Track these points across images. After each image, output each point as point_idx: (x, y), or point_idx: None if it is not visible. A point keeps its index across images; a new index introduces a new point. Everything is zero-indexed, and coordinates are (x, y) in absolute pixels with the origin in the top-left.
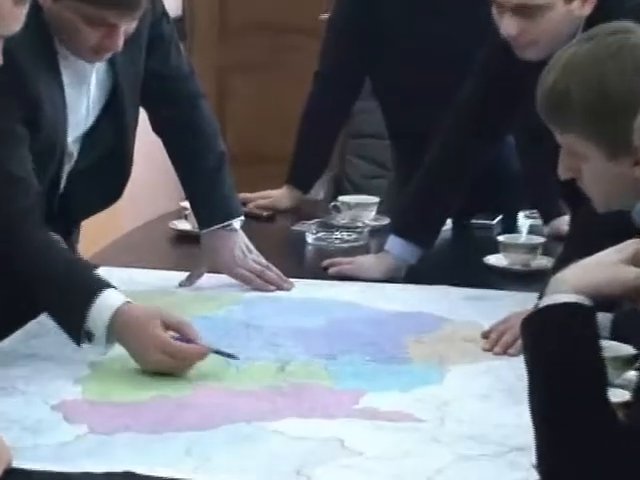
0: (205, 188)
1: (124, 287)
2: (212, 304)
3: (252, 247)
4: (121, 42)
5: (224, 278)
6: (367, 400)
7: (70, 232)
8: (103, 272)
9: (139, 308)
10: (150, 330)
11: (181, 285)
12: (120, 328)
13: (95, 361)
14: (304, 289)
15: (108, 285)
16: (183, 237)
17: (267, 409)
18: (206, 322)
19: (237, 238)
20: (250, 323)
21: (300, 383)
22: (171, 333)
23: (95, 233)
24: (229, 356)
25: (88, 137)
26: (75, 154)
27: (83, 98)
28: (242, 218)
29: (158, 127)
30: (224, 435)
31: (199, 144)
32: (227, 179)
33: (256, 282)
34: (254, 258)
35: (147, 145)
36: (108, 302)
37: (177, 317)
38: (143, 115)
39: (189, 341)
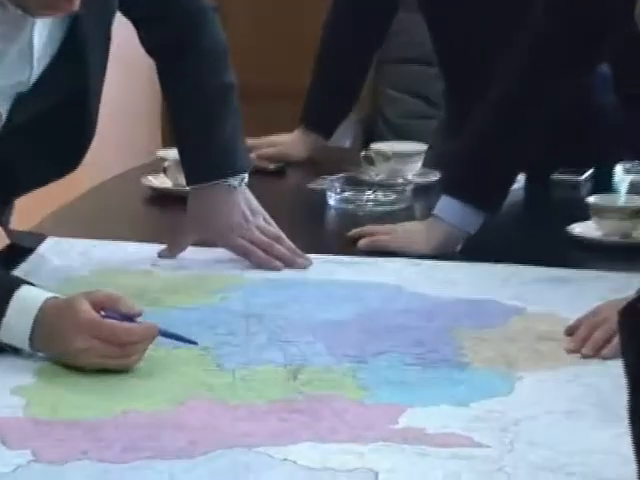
0: (201, 128)
1: (80, 264)
2: (200, 288)
3: (260, 209)
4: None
5: (218, 252)
6: (409, 418)
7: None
8: (52, 245)
9: (62, 299)
10: (71, 312)
11: (160, 256)
12: (42, 331)
13: (43, 366)
14: (325, 268)
15: (21, 283)
16: (161, 197)
17: (274, 430)
18: (192, 314)
19: (238, 198)
20: (252, 313)
21: (318, 395)
22: (103, 313)
23: (44, 194)
24: (187, 341)
25: (33, 90)
26: (3, 114)
27: (14, 46)
28: (246, 176)
29: (148, 45)
30: (216, 465)
31: (198, 70)
32: (232, 120)
33: (261, 257)
34: (260, 225)
35: (115, 87)
36: (26, 304)
37: (105, 291)
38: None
39: (128, 321)
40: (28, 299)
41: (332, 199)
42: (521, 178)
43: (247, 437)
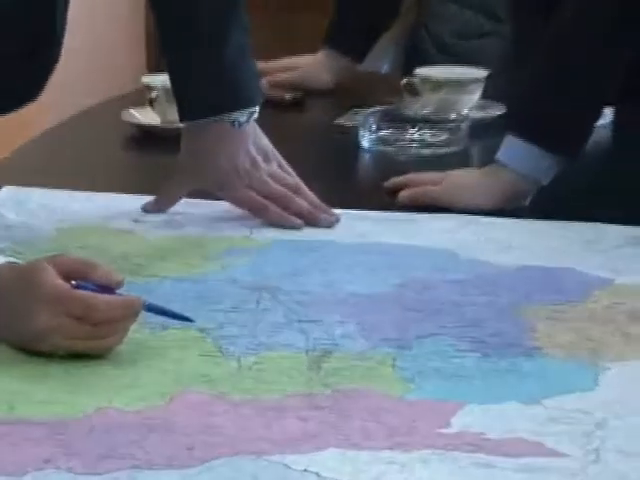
0: (198, 47)
1: (44, 221)
2: (197, 253)
3: (274, 152)
4: None
5: (220, 207)
6: (464, 419)
7: None
8: (7, 196)
9: (21, 265)
10: (33, 281)
11: (146, 211)
12: None
13: None
14: (356, 228)
15: None
16: (147, 137)
17: (291, 433)
18: (186, 286)
19: (245, 138)
20: (263, 285)
21: (349, 389)
22: (73, 283)
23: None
24: (180, 318)
25: None
26: None
27: None
28: (255, 109)
29: None
30: (217, 476)
31: None
32: (239, 36)
33: (275, 214)
34: (274, 172)
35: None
36: None
37: (76, 255)
38: None
39: (106, 292)
40: None
41: (365, 139)
42: (608, 112)
43: (256, 442)
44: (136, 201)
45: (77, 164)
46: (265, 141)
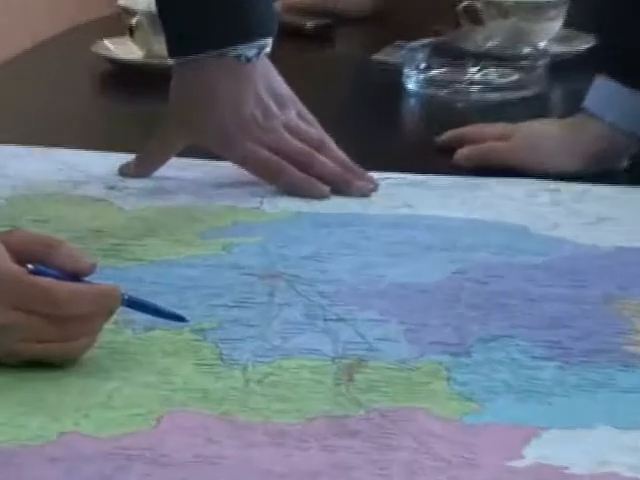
0: None
1: None
2: (191, 230)
3: (292, 96)
4: None
5: (221, 169)
6: (542, 449)
7: None
8: None
9: None
10: None
11: (124, 174)
12: None
13: None
14: (399, 196)
15: None
16: (126, 75)
17: (315, 466)
18: (177, 273)
19: (254, 78)
20: (277, 272)
21: (388, 410)
22: (30, 267)
23: None
24: (169, 317)
25: None
26: None
27: None
28: (268, 42)
29: None
30: None
31: None
32: None
33: (293, 177)
34: (292, 123)
35: None
36: None
37: (34, 231)
38: None
39: (73, 280)
40: None
41: (412, 80)
42: None
43: (268, 478)
44: (111, 161)
45: (34, 111)
46: (281, 83)
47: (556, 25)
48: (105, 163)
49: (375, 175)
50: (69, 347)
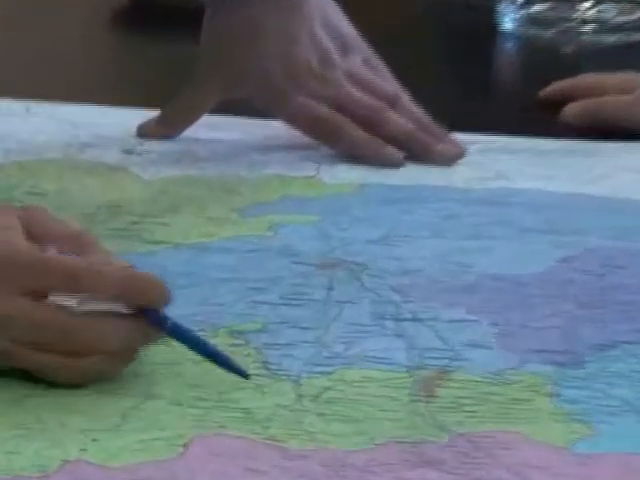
0: None
1: None
2: (227, 205)
3: (357, 39)
4: None
5: (266, 128)
6: None
7: None
8: None
9: None
10: None
11: (143, 135)
12: None
13: None
14: (492, 164)
15: None
16: (144, 11)
17: None
18: (209, 260)
19: (309, 15)
20: (338, 259)
21: (478, 435)
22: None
23: None
24: (227, 367)
25: None
26: None
27: None
28: None
29: None
30: None
31: None
32: None
33: (358, 139)
34: (357, 72)
35: None
36: None
37: (30, 207)
38: None
39: None
40: None
41: (507, 19)
42: None
43: None
44: (128, 119)
45: (33, 56)
46: (343, 22)
47: None
48: (120, 121)
49: (461, 138)
50: (75, 365)
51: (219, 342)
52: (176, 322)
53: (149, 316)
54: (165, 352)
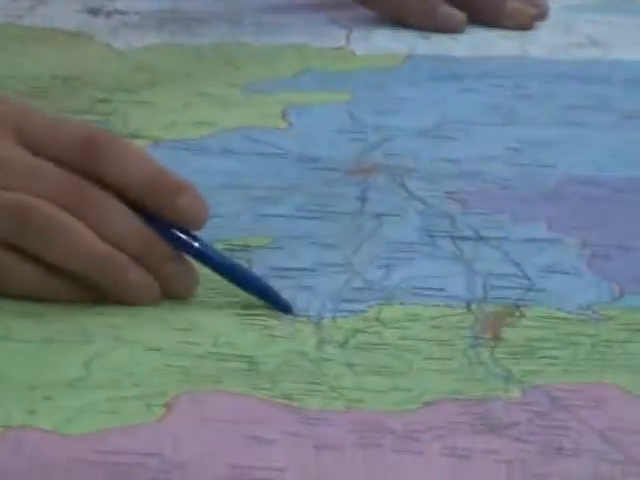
0: None
1: None
2: (231, 84)
3: None
4: None
5: None
6: None
7: None
8: None
9: None
10: None
11: None
12: None
13: None
14: (583, 25)
15: None
16: None
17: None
18: (208, 163)
19: None
20: (378, 160)
21: (562, 387)
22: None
23: None
24: (272, 302)
25: None
26: None
27: None
28: None
29: None
30: None
31: None
32: None
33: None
34: None
35: None
36: None
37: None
38: None
39: None
40: None
41: None
42: None
43: None
44: None
45: None
46: None
47: None
48: None
49: None
50: (50, 282)
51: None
52: (205, 242)
53: (170, 234)
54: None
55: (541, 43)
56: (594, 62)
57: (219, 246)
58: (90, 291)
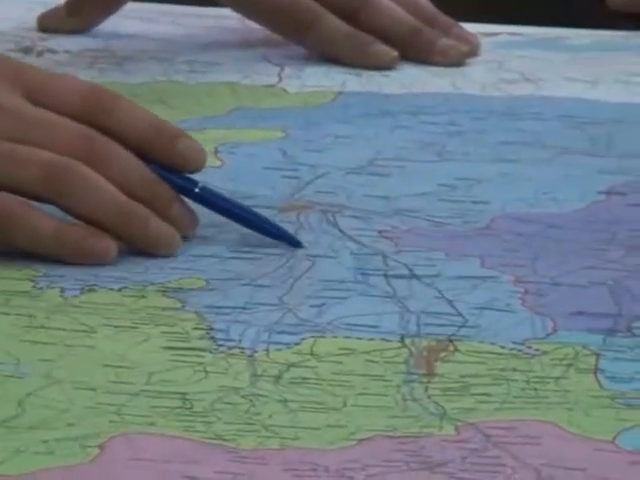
0: None
1: None
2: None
3: None
4: None
5: (214, 19)
6: None
7: None
8: None
9: None
10: None
11: (44, 28)
12: None
13: None
14: (515, 60)
15: None
16: None
17: None
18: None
19: None
20: (311, 197)
21: (496, 424)
22: None
23: None
24: (279, 237)
25: None
26: None
27: None
28: None
29: None
30: None
31: None
32: None
33: (335, 29)
34: None
35: None
36: None
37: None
38: None
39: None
40: None
41: None
42: None
43: None
44: (26, 6)
45: None
46: None
47: None
48: (16, 11)
49: (473, 28)
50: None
51: (147, 303)
52: (205, 186)
53: (171, 179)
54: (70, 317)
55: (473, 79)
56: (526, 98)
57: (150, 290)
58: (95, 251)
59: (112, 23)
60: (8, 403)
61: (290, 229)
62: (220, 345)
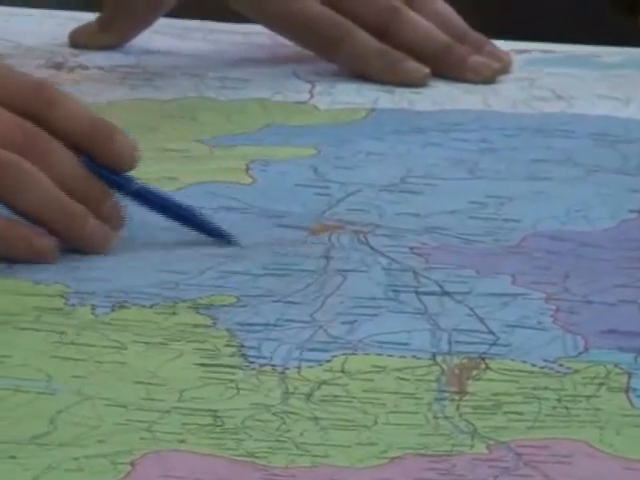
0: None
1: None
2: (192, 140)
3: None
4: None
5: (245, 36)
6: None
7: None
8: None
9: None
10: None
11: (75, 44)
12: None
13: None
14: (548, 78)
15: None
16: None
17: None
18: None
19: None
20: (342, 216)
21: (527, 443)
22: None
23: None
24: (212, 234)
25: None
26: None
27: None
28: None
29: None
30: None
31: None
32: None
33: (367, 46)
34: None
35: None
36: None
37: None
38: None
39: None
40: None
41: None
42: None
43: None
44: (57, 23)
45: None
46: None
47: None
48: (47, 26)
49: (506, 46)
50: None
51: (178, 320)
52: (143, 184)
53: (109, 177)
54: (99, 334)
55: (504, 97)
56: (558, 116)
57: (181, 307)
58: (42, 250)
59: (143, 39)
60: (39, 420)
61: (321, 249)
62: (251, 362)
